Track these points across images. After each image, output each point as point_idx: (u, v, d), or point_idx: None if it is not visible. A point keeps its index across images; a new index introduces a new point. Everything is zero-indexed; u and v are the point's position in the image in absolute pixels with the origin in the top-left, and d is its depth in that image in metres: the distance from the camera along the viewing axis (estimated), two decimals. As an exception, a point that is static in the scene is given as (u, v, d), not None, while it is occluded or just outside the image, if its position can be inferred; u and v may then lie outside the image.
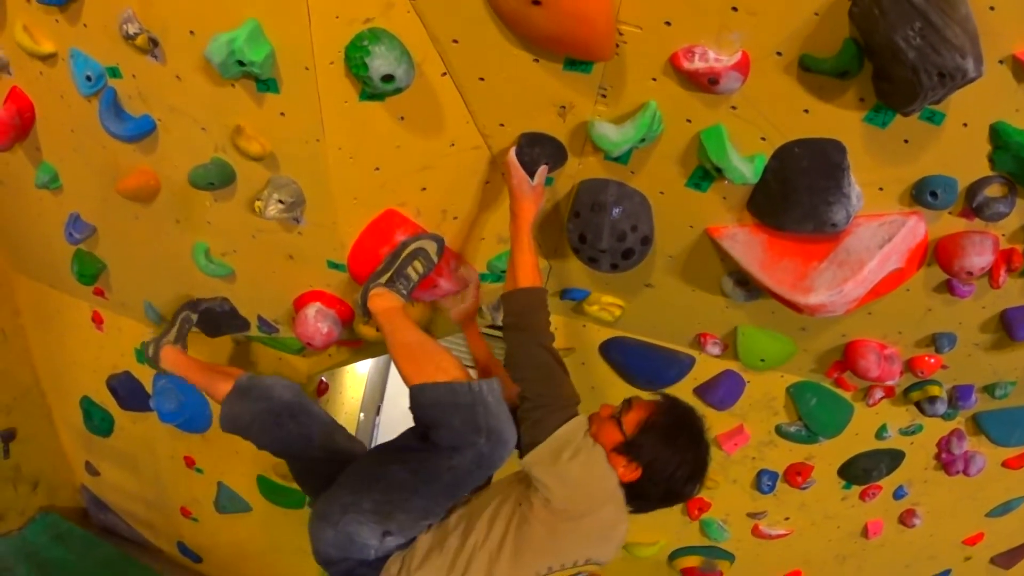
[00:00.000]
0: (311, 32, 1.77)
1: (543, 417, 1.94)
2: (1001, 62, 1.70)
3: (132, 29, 1.95)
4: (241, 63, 1.81)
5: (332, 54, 1.82)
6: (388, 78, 1.82)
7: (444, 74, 1.99)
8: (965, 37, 1.57)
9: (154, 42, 1.96)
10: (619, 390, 2.99)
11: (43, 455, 4.30)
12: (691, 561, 3.85)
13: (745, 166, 2.00)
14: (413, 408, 1.91)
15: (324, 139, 2.01)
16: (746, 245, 2.24)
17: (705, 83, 1.83)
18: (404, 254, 2.26)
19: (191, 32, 1.88)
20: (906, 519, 3.66)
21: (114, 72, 2.18)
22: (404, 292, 2.23)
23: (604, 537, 2.00)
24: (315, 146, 2.04)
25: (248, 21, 1.79)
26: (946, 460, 3.31)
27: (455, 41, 1.91)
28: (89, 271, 3.05)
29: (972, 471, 3.32)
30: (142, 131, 2.25)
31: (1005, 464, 3.36)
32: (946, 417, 3.07)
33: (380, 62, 1.79)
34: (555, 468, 1.88)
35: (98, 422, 3.93)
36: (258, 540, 4.19)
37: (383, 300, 2.20)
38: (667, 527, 3.74)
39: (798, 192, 2.03)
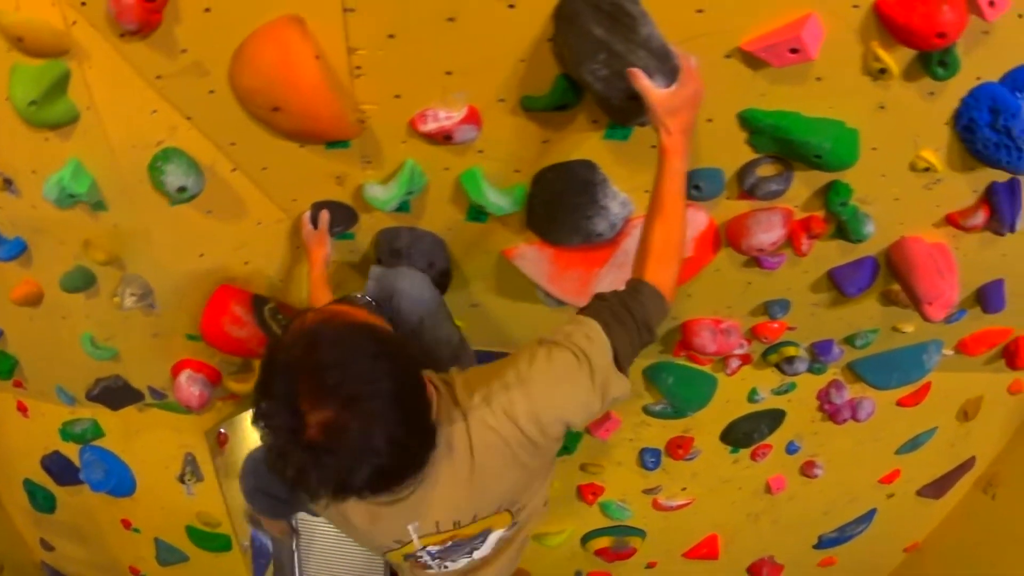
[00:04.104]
0: (117, 162, 2.11)
1: None
2: (728, 56, 1.84)
3: (-10, 176, 2.26)
4: (72, 195, 2.15)
5: (139, 175, 2.14)
6: (181, 189, 2.11)
7: (234, 170, 2.24)
8: (650, 57, 1.65)
9: (8, 181, 2.30)
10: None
11: (2, 539, 4.52)
12: (603, 542, 4.09)
13: (503, 199, 2.23)
14: None
15: (152, 240, 2.38)
16: (534, 262, 2.45)
17: (443, 139, 2.04)
18: (268, 325, 2.62)
19: (33, 171, 2.22)
20: (807, 471, 3.86)
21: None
22: None
23: None
24: (147, 247, 2.41)
25: (70, 160, 2.14)
26: (830, 410, 3.50)
27: (233, 144, 2.15)
28: (5, 367, 3.36)
29: (862, 416, 3.51)
30: (17, 251, 2.61)
31: (900, 403, 3.51)
32: (815, 372, 3.25)
33: (172, 178, 2.09)
34: None
35: (42, 500, 4.17)
36: (203, 586, 4.40)
37: None
38: (571, 514, 3.95)
39: (560, 212, 2.24)
